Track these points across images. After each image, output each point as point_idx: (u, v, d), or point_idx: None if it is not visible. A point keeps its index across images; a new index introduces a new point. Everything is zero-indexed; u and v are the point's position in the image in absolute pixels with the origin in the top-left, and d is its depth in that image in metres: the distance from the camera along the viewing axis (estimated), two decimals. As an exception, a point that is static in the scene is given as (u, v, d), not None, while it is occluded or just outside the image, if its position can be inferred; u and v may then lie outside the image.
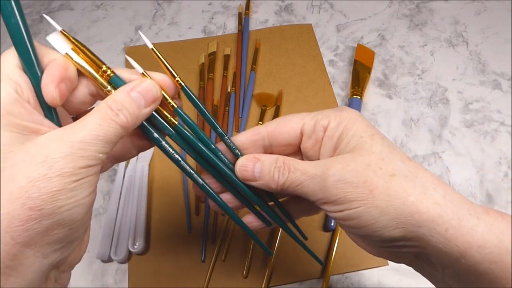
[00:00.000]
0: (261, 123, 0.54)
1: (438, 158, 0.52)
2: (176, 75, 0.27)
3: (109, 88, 0.25)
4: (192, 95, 0.28)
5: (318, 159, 0.29)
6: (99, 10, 0.68)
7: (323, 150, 0.28)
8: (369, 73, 0.57)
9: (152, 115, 0.26)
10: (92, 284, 0.44)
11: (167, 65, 0.27)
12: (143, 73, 0.26)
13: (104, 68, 0.25)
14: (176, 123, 0.27)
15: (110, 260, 0.44)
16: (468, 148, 0.52)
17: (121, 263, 0.45)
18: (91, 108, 0.27)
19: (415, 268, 0.27)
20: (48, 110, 0.23)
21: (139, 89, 0.24)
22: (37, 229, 0.20)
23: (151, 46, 0.26)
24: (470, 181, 0.50)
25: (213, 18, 0.66)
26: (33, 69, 0.23)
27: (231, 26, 0.65)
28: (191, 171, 0.28)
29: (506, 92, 0.57)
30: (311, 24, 0.64)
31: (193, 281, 0.43)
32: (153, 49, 0.26)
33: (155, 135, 0.27)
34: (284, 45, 0.62)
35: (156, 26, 0.65)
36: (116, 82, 0.25)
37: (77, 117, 0.27)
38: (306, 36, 0.63)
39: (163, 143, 0.27)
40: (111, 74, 0.25)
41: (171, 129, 0.27)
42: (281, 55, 0.61)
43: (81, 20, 0.66)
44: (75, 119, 0.27)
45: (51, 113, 0.23)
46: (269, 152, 0.30)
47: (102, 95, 0.26)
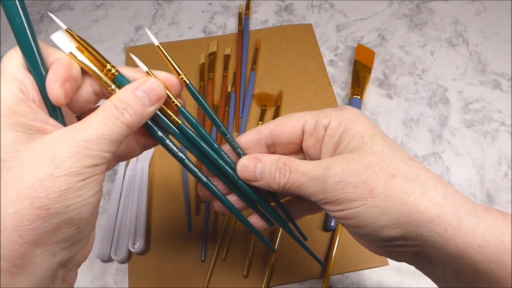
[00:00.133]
0: (261, 123, 0.54)
1: (438, 158, 0.52)
2: (181, 73, 0.27)
3: (113, 87, 0.25)
4: (196, 93, 0.28)
5: (319, 157, 0.29)
6: (99, 10, 0.68)
7: (324, 149, 0.28)
8: (369, 73, 0.57)
9: (156, 114, 0.26)
10: (92, 284, 0.44)
11: (173, 63, 0.27)
12: (147, 72, 0.26)
13: (108, 67, 0.25)
14: (179, 122, 0.27)
15: (110, 260, 0.44)
16: (468, 148, 0.52)
17: (121, 263, 0.45)
18: (96, 107, 0.27)
19: (416, 266, 0.27)
20: (52, 109, 0.23)
21: (144, 88, 0.24)
22: (45, 228, 0.21)
23: (157, 43, 0.26)
24: (470, 181, 0.50)
25: (213, 18, 0.66)
26: (37, 68, 0.23)
27: (231, 26, 0.65)
28: (195, 169, 0.28)
29: (506, 92, 0.57)
30: (311, 24, 0.64)
31: (193, 281, 0.43)
32: (158, 46, 0.26)
33: (159, 133, 0.27)
34: (284, 45, 0.62)
35: (156, 26, 0.65)
36: (120, 81, 0.25)
37: (81, 116, 0.27)
38: (306, 36, 0.63)
39: (167, 141, 0.27)
40: (116, 73, 0.25)
41: (175, 128, 0.27)
42: (281, 55, 0.61)
43: (81, 20, 0.66)
44: (79, 118, 0.27)
45: (55, 112, 0.24)
46: (272, 150, 0.31)
47: (106, 94, 0.26)
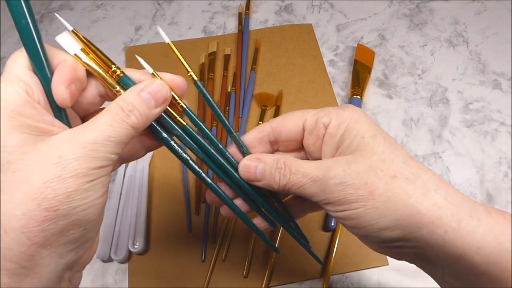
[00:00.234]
0: (261, 123, 0.54)
1: (438, 158, 0.52)
2: (190, 70, 0.27)
3: (118, 88, 0.25)
4: (204, 91, 0.28)
5: (319, 155, 0.29)
6: (99, 10, 0.68)
7: (325, 148, 0.28)
8: (369, 73, 0.57)
9: (160, 115, 0.26)
10: (92, 284, 0.44)
11: (182, 60, 0.27)
12: (153, 73, 0.26)
13: (113, 68, 0.25)
14: (184, 123, 0.28)
15: (110, 260, 0.44)
16: (468, 148, 0.52)
17: (121, 263, 0.45)
18: (100, 109, 0.27)
19: (417, 265, 0.27)
20: (58, 111, 0.23)
21: (150, 90, 0.24)
22: (53, 230, 0.21)
23: (168, 40, 0.27)
24: (470, 181, 0.50)
25: (213, 18, 0.66)
26: (43, 70, 0.23)
27: (231, 26, 0.65)
28: (200, 170, 0.29)
29: (506, 92, 0.57)
30: (311, 24, 0.64)
31: (193, 281, 0.43)
32: (169, 44, 0.26)
33: (164, 135, 0.27)
34: (284, 45, 0.62)
35: (156, 26, 0.65)
36: (125, 82, 0.25)
37: (85, 118, 0.27)
38: (306, 36, 0.63)
39: (172, 142, 0.27)
40: (121, 74, 0.25)
41: (179, 130, 0.27)
42: (281, 55, 0.61)
43: (81, 20, 0.66)
44: (83, 120, 0.27)
45: (61, 114, 0.24)
46: (275, 147, 0.31)
47: (111, 95, 0.26)
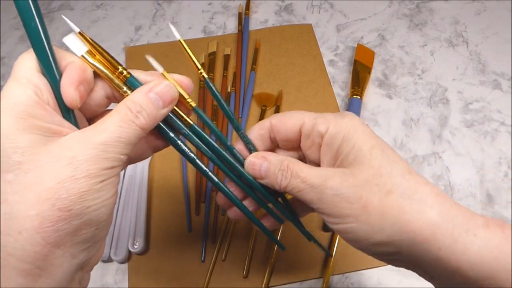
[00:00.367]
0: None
1: (438, 158, 0.52)
2: (200, 67, 0.28)
3: (125, 89, 0.25)
4: (213, 89, 0.29)
5: (316, 159, 0.29)
6: (99, 10, 0.68)
7: (324, 157, 0.28)
8: (369, 73, 0.57)
9: (167, 115, 0.27)
10: (92, 284, 0.44)
11: (193, 58, 0.27)
12: (162, 73, 0.26)
13: (120, 69, 0.25)
14: (191, 122, 0.28)
15: (110, 260, 0.44)
16: (468, 148, 0.52)
17: (121, 263, 0.45)
18: (107, 110, 0.27)
19: (416, 273, 0.27)
20: (66, 112, 0.24)
21: (157, 90, 0.25)
22: (67, 230, 0.21)
23: (179, 37, 0.27)
24: (470, 181, 0.50)
25: (213, 18, 0.66)
26: (52, 71, 0.23)
27: (231, 26, 0.65)
28: (206, 169, 0.29)
29: (506, 92, 0.57)
30: (311, 24, 0.64)
31: (193, 281, 0.43)
32: (180, 41, 0.27)
33: (171, 134, 0.27)
34: (284, 45, 0.62)
35: (156, 26, 0.65)
36: (132, 83, 0.25)
37: (92, 120, 0.27)
38: (306, 36, 0.63)
39: (179, 142, 0.27)
40: (127, 75, 0.25)
41: (186, 129, 0.28)
42: (281, 55, 0.61)
43: (81, 20, 0.66)
44: (89, 121, 0.27)
45: (69, 115, 0.24)
46: (275, 144, 0.31)
47: (117, 96, 0.26)
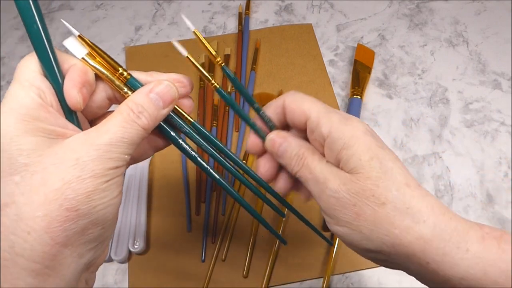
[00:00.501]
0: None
1: (438, 158, 0.52)
2: (215, 54, 0.28)
3: (125, 90, 0.26)
4: (231, 74, 0.29)
5: (322, 152, 0.29)
6: (99, 10, 0.68)
7: (327, 156, 0.28)
8: (369, 73, 0.57)
9: (169, 114, 0.27)
10: (92, 284, 0.44)
11: (208, 47, 0.27)
12: (187, 57, 0.27)
13: (120, 70, 0.26)
14: (192, 121, 0.28)
15: (110, 260, 0.44)
16: (468, 148, 0.52)
17: (121, 263, 0.45)
18: (108, 112, 0.28)
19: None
20: (69, 114, 0.24)
21: (157, 91, 0.25)
22: (74, 229, 0.21)
23: (193, 28, 0.27)
24: (470, 181, 0.50)
25: (213, 18, 0.66)
26: (54, 74, 0.23)
27: (231, 26, 0.65)
28: (208, 167, 0.29)
29: (506, 92, 0.57)
30: (311, 24, 0.64)
31: (193, 281, 0.43)
32: (195, 32, 0.27)
33: (172, 133, 0.28)
34: (284, 45, 0.62)
35: (156, 26, 0.65)
36: (133, 84, 0.26)
37: (93, 122, 0.28)
38: (306, 36, 0.63)
39: (180, 141, 0.28)
40: (128, 76, 0.26)
41: (187, 127, 0.28)
42: (281, 55, 0.61)
43: (81, 20, 0.66)
44: (90, 123, 0.28)
45: (72, 116, 0.24)
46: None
47: (118, 98, 0.27)
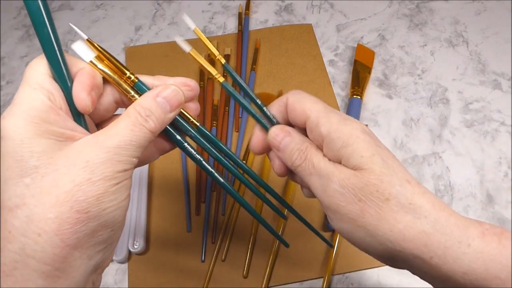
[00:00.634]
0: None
1: (438, 158, 0.52)
2: (217, 54, 0.29)
3: (132, 93, 0.26)
4: (232, 73, 0.29)
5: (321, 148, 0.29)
6: (99, 10, 0.68)
7: (328, 156, 0.28)
8: (369, 73, 0.57)
9: (175, 118, 0.27)
10: (92, 284, 0.44)
11: (210, 46, 0.28)
12: (190, 52, 0.27)
13: (128, 74, 0.26)
14: (197, 124, 0.29)
15: (110, 260, 0.44)
16: (468, 148, 0.52)
17: (121, 263, 0.45)
18: (115, 115, 0.28)
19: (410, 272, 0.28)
20: (77, 116, 0.24)
21: (165, 95, 0.25)
22: (85, 231, 0.21)
23: (193, 26, 0.28)
24: (470, 181, 0.50)
25: (213, 18, 0.66)
26: (63, 77, 0.24)
27: (231, 26, 0.65)
28: (212, 170, 0.30)
29: (506, 92, 0.57)
30: (311, 24, 0.64)
31: (193, 281, 0.43)
32: (196, 29, 0.27)
33: (178, 137, 0.28)
34: (284, 45, 0.62)
35: (156, 26, 0.65)
36: (139, 87, 0.26)
37: (100, 125, 0.28)
38: (306, 36, 0.63)
39: (186, 144, 0.28)
40: (135, 80, 0.26)
41: (192, 131, 0.29)
42: (281, 55, 0.61)
43: (81, 20, 0.66)
44: (97, 126, 0.28)
45: (80, 119, 0.24)
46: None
47: (125, 101, 0.27)
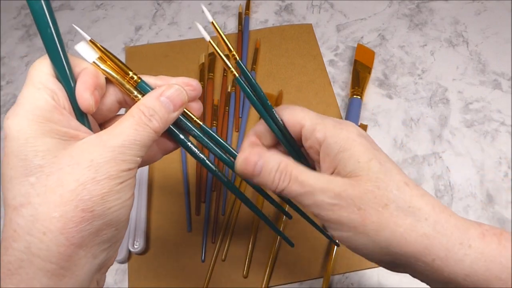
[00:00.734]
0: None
1: (438, 158, 0.52)
2: (232, 49, 0.28)
3: (135, 93, 0.26)
4: (245, 70, 0.29)
5: (318, 160, 0.29)
6: (99, 10, 0.68)
7: (322, 163, 0.28)
8: (369, 73, 0.57)
9: (178, 118, 0.27)
10: (92, 284, 0.44)
11: (226, 41, 0.28)
12: (212, 23, 0.27)
13: (131, 74, 0.26)
14: (200, 123, 0.29)
15: (110, 260, 0.44)
16: (468, 148, 0.52)
17: (121, 263, 0.45)
18: (117, 115, 0.28)
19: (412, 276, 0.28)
20: (80, 116, 0.24)
21: (168, 95, 0.25)
22: (89, 230, 0.21)
23: (211, 19, 0.28)
24: (470, 181, 0.50)
25: (213, 18, 0.66)
26: (66, 77, 0.24)
27: (231, 26, 0.65)
28: (216, 170, 0.30)
29: (506, 92, 0.57)
30: (311, 24, 0.64)
31: (193, 281, 0.43)
32: (213, 23, 0.28)
33: (181, 136, 0.28)
34: (284, 45, 0.62)
35: (156, 26, 0.65)
36: (143, 87, 0.26)
37: (102, 125, 0.28)
38: (306, 36, 0.63)
39: (189, 143, 0.28)
40: (138, 80, 0.26)
41: (196, 130, 0.29)
42: (281, 55, 0.61)
43: (81, 20, 0.66)
44: (100, 126, 0.28)
45: (83, 119, 0.25)
46: None
47: (128, 101, 0.27)
